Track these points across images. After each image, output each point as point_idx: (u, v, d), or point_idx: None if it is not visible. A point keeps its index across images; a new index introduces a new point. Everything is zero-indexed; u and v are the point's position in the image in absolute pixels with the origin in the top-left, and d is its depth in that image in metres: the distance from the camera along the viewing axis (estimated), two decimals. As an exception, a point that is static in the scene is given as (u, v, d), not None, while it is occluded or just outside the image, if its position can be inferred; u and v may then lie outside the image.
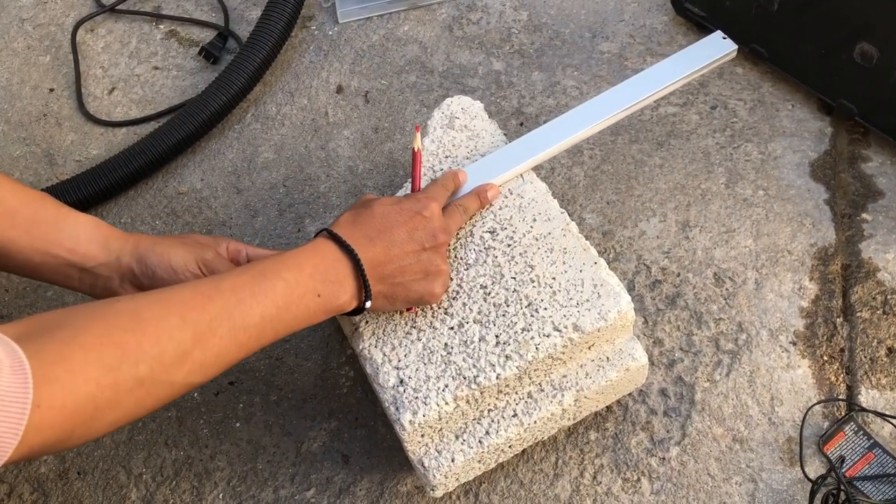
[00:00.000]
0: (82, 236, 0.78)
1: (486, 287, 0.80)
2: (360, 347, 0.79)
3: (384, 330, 0.79)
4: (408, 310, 0.79)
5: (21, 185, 0.79)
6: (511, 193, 0.86)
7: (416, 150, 0.84)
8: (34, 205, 0.78)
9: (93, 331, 0.58)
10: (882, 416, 0.85)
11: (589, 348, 0.80)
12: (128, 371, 0.58)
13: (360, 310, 0.74)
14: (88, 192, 1.09)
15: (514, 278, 0.80)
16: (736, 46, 0.93)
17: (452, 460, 0.77)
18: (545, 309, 0.78)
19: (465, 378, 0.75)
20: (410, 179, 0.86)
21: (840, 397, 0.87)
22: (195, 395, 0.94)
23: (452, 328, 0.78)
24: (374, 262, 0.73)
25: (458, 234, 0.84)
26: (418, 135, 0.85)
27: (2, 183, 0.77)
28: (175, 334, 0.61)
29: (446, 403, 0.75)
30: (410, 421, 0.74)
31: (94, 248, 0.78)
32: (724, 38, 0.93)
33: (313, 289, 0.70)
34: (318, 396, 0.93)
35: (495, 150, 0.89)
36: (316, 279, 0.70)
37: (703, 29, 1.17)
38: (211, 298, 0.65)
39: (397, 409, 0.75)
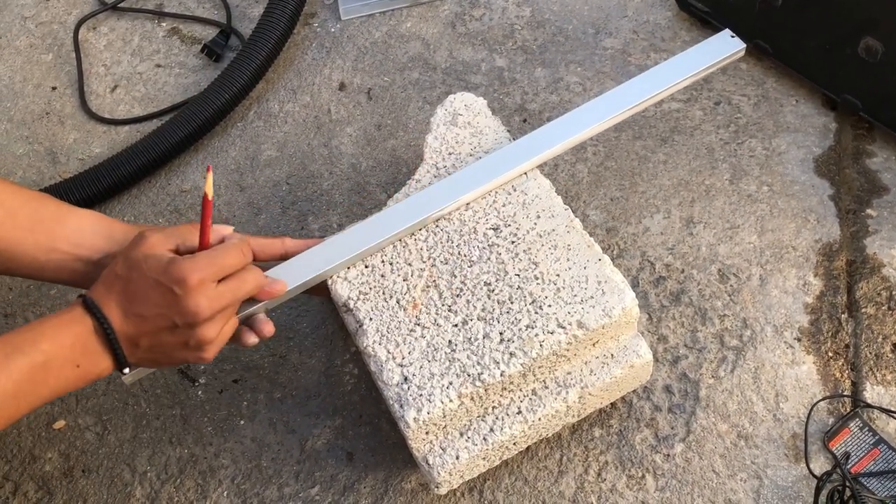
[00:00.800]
0: (86, 229, 0.78)
1: (489, 284, 0.80)
2: (364, 345, 0.79)
3: (388, 327, 0.79)
4: (413, 307, 0.79)
5: (19, 186, 0.79)
6: (515, 190, 0.86)
7: (206, 197, 0.72)
8: (34, 203, 0.78)
9: None
10: (887, 412, 0.85)
11: (593, 345, 0.80)
12: None
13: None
14: (91, 190, 1.09)
15: (518, 275, 0.80)
16: (744, 45, 0.92)
17: (457, 458, 0.77)
18: (549, 306, 0.78)
19: (469, 375, 0.75)
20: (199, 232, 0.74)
21: (845, 393, 0.87)
22: (199, 392, 0.94)
23: (456, 325, 0.78)
24: (128, 336, 0.70)
25: (461, 230, 0.84)
26: (210, 178, 0.73)
27: (0, 186, 0.77)
28: None
29: (451, 401, 0.75)
30: (415, 418, 0.74)
31: (99, 240, 0.78)
32: (733, 37, 0.92)
33: (72, 360, 0.68)
34: (322, 394, 0.93)
35: (499, 146, 0.89)
36: (76, 350, 0.68)
37: (706, 24, 1.17)
38: None
39: (402, 406, 0.75)
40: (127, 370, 0.71)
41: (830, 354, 0.90)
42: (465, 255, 0.82)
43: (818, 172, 1.03)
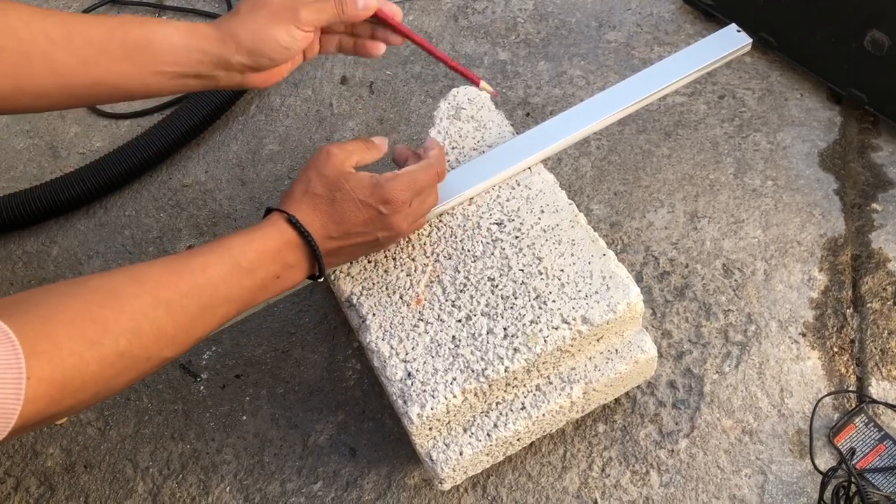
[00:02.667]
0: (181, 56, 0.75)
1: (493, 279, 0.80)
2: (367, 340, 0.79)
3: (391, 323, 0.79)
4: (416, 302, 0.79)
5: (91, 16, 0.75)
6: (518, 185, 0.86)
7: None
8: (119, 33, 0.73)
9: (71, 307, 0.60)
10: (893, 407, 0.85)
11: (598, 340, 0.80)
12: (110, 345, 0.60)
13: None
14: (92, 184, 1.08)
15: (522, 270, 0.80)
16: (750, 40, 0.91)
17: (460, 453, 0.77)
18: (553, 301, 0.77)
19: (473, 371, 0.75)
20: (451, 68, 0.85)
21: (850, 389, 0.87)
22: (201, 388, 0.94)
23: (460, 321, 0.78)
24: (328, 250, 0.76)
25: (465, 225, 0.83)
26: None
27: (76, 20, 0.73)
28: (150, 312, 0.63)
29: (454, 396, 0.74)
30: (418, 414, 0.74)
31: (195, 59, 0.75)
32: (739, 32, 0.92)
33: (275, 272, 0.73)
34: (325, 389, 0.92)
35: (502, 140, 0.89)
36: (278, 263, 0.73)
37: (710, 17, 1.16)
38: (181, 277, 0.67)
39: (405, 402, 0.75)
40: (321, 279, 0.77)
41: (835, 350, 0.89)
42: (468, 251, 0.82)
43: (823, 167, 1.02)
